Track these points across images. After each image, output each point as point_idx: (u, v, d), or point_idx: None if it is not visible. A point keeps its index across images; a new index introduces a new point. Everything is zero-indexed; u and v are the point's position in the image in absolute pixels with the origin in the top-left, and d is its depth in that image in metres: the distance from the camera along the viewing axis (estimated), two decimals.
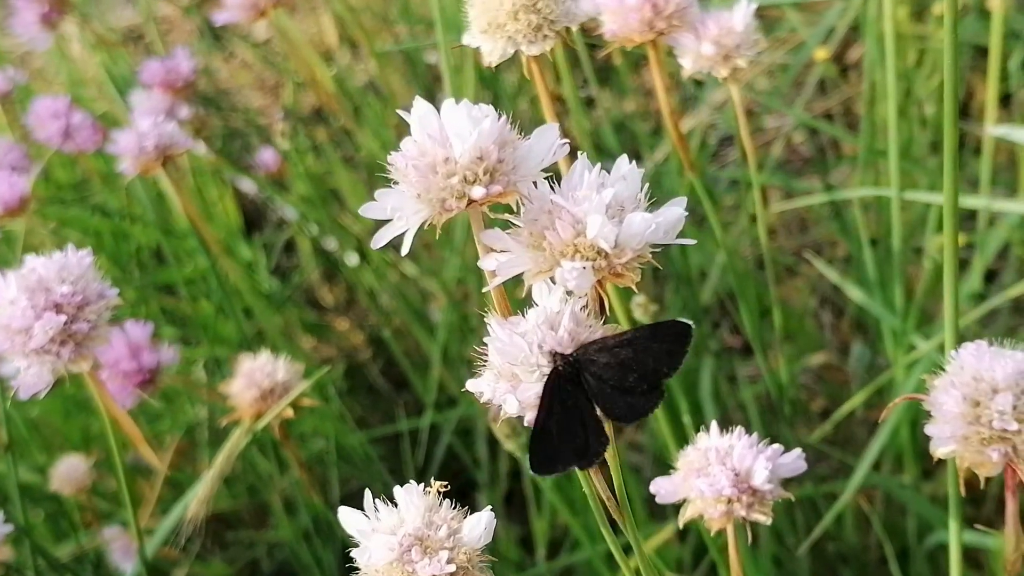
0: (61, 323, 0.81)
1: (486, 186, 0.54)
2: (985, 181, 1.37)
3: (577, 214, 0.55)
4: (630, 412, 0.58)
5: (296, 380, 1.04)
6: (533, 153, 0.56)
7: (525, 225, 0.56)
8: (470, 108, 0.55)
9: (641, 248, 0.55)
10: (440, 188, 0.55)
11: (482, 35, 0.75)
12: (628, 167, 0.57)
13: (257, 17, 1.29)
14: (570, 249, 0.55)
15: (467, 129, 0.54)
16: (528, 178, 0.56)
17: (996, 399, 0.64)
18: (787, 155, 2.06)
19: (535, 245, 0.56)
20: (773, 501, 0.77)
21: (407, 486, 0.59)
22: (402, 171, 0.56)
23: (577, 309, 0.56)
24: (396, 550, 0.56)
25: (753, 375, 1.73)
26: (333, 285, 2.07)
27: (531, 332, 0.56)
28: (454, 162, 0.55)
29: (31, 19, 1.39)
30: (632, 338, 0.57)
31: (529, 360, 0.55)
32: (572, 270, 0.54)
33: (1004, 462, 0.64)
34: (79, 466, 1.27)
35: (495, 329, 0.57)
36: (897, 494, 1.33)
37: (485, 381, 0.57)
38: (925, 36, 1.74)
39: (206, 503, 0.96)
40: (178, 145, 1.14)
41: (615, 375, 0.57)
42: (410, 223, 0.56)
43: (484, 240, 0.57)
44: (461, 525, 0.58)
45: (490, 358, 0.57)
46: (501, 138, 0.55)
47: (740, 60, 0.95)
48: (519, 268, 0.57)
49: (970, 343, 0.67)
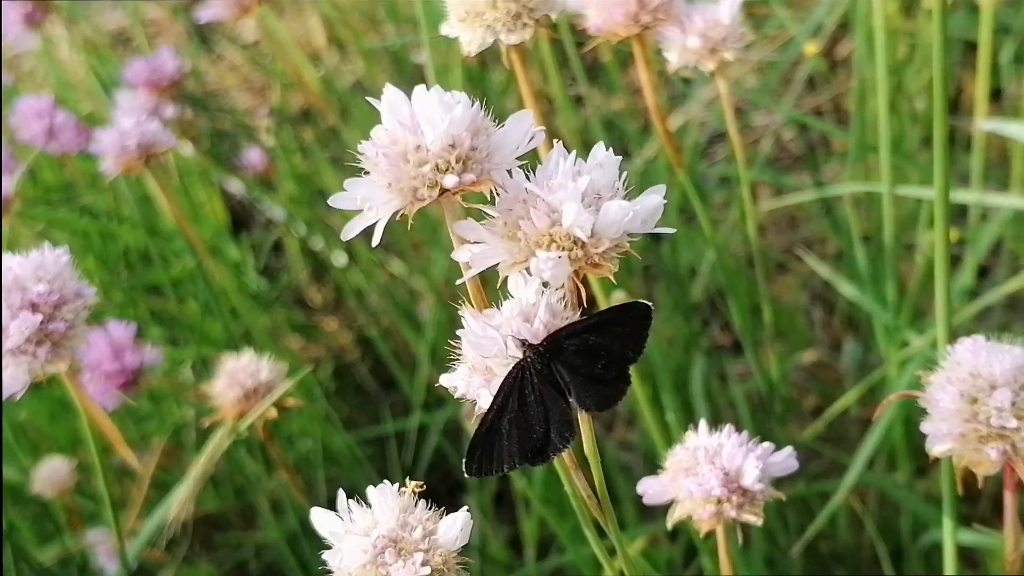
0: (37, 323, 0.79)
1: (459, 174, 0.53)
2: (976, 176, 1.36)
3: (552, 203, 0.53)
4: (602, 401, 0.56)
5: (279, 380, 1.02)
6: (507, 141, 0.55)
7: (500, 215, 0.55)
8: (442, 94, 0.53)
9: (619, 237, 0.54)
10: (411, 177, 0.53)
11: (460, 24, 0.74)
12: (604, 154, 0.55)
13: (241, 14, 1.27)
14: (546, 239, 0.53)
15: (439, 116, 0.52)
16: (502, 166, 0.55)
17: (994, 395, 0.62)
18: (777, 152, 2.05)
19: (510, 235, 0.54)
20: (764, 501, 0.75)
21: (380, 486, 0.58)
22: (373, 160, 0.54)
23: (553, 301, 0.55)
24: (369, 552, 0.55)
25: (744, 373, 1.72)
26: (321, 285, 2.06)
27: (505, 325, 0.54)
28: (425, 150, 0.53)
29: (14, 18, 1.37)
30: (598, 322, 0.56)
31: (503, 353, 0.54)
32: (547, 260, 0.52)
33: (1003, 460, 0.63)
34: (61, 468, 1.25)
35: (469, 322, 0.55)
36: (891, 493, 1.32)
37: (459, 375, 0.56)
38: (915, 31, 1.73)
39: (189, 504, 0.95)
40: (161, 144, 1.13)
41: (585, 363, 0.55)
42: (381, 213, 0.54)
43: (458, 231, 0.55)
44: (436, 526, 0.56)
45: (464, 352, 0.56)
46: (474, 125, 0.54)
47: (726, 53, 0.94)
48: (494, 259, 0.55)
49: (967, 338, 0.66)
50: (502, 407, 0.55)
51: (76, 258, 0.95)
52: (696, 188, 1.07)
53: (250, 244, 1.99)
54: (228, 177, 1.91)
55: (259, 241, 2.01)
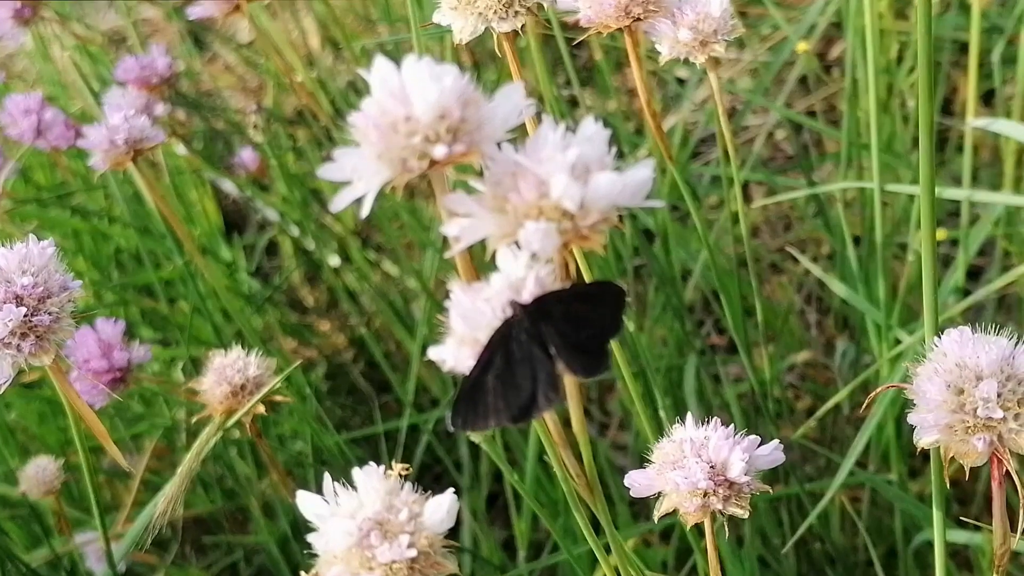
0: (21, 315, 0.79)
1: (448, 145, 0.52)
2: (967, 175, 1.36)
3: (541, 175, 0.53)
4: (587, 368, 0.56)
5: (268, 376, 1.02)
6: (498, 113, 0.54)
7: (488, 187, 0.54)
8: (432, 66, 0.53)
9: (608, 210, 0.54)
10: (401, 147, 0.53)
11: (452, 12, 0.73)
12: (593, 128, 0.55)
13: (232, 11, 1.27)
14: (534, 211, 0.53)
15: (429, 86, 0.52)
16: (493, 139, 0.54)
17: (980, 386, 0.62)
18: (770, 152, 2.05)
19: (498, 208, 0.54)
20: (750, 494, 0.75)
21: (366, 468, 0.57)
22: (362, 131, 0.53)
23: (542, 274, 0.55)
24: (355, 535, 0.54)
25: (737, 374, 1.72)
26: (314, 286, 2.06)
27: (494, 298, 0.54)
28: (416, 120, 0.52)
29: (4, 15, 1.37)
30: (582, 292, 0.56)
31: (492, 325, 0.54)
32: (536, 231, 0.52)
33: (989, 451, 0.63)
34: (48, 468, 1.24)
35: (457, 294, 0.55)
36: (884, 492, 1.32)
37: (447, 348, 0.55)
38: (907, 31, 1.73)
39: (176, 502, 0.94)
40: (149, 140, 1.12)
41: (571, 329, 0.55)
42: (370, 185, 0.53)
43: (447, 204, 0.55)
44: (423, 508, 0.56)
45: (452, 324, 0.55)
46: (464, 97, 0.53)
47: (717, 46, 0.94)
48: (482, 232, 0.54)
49: (953, 329, 0.65)
50: (488, 362, 0.54)
51: (67, 258, 0.94)
52: (689, 188, 1.07)
53: (243, 245, 1.99)
54: (221, 177, 1.90)
55: (252, 242, 2.01)
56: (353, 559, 0.54)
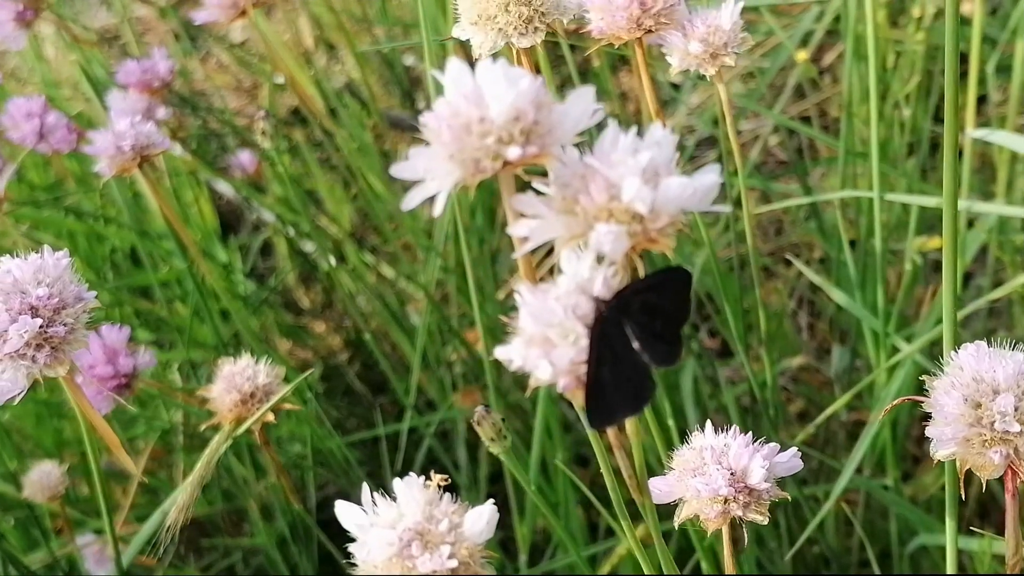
0: (37, 327, 0.79)
1: (522, 147, 0.53)
2: (965, 184, 1.38)
3: (612, 178, 0.54)
4: (668, 357, 0.57)
5: (277, 384, 1.02)
6: (569, 117, 0.55)
7: (557, 190, 0.55)
8: (506, 68, 0.54)
9: (677, 214, 0.55)
10: (475, 148, 0.53)
11: (472, 27, 0.74)
12: (662, 133, 0.56)
13: (237, 17, 1.27)
14: (604, 213, 0.54)
15: (504, 89, 0.53)
16: (563, 142, 0.55)
17: (997, 400, 0.64)
18: (763, 158, 2.07)
19: (567, 210, 0.55)
20: (769, 500, 0.76)
21: (407, 479, 0.58)
22: (435, 131, 0.54)
23: (609, 275, 0.55)
24: (396, 545, 0.55)
25: (732, 378, 1.73)
26: (310, 288, 2.06)
27: (564, 297, 0.55)
28: (490, 122, 0.53)
29: (5, 18, 1.36)
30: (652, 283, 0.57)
31: (564, 324, 0.54)
32: (608, 233, 0.53)
33: (1006, 464, 0.64)
34: (53, 472, 1.24)
35: (526, 294, 0.55)
36: (879, 496, 1.34)
37: (514, 348, 0.56)
38: (901, 39, 1.75)
39: (186, 511, 0.94)
40: (156, 146, 1.12)
41: (648, 320, 0.56)
42: (443, 184, 0.54)
43: (515, 205, 0.55)
44: (463, 519, 0.57)
45: (520, 324, 0.55)
46: (537, 100, 0.54)
47: (727, 58, 0.95)
48: (551, 233, 0.55)
49: (970, 344, 0.67)
50: (600, 358, 0.55)
51: None
52: None
53: (238, 246, 1.98)
54: (217, 178, 1.90)
55: (248, 243, 2.00)
56: (394, 569, 0.55)
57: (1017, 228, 1.53)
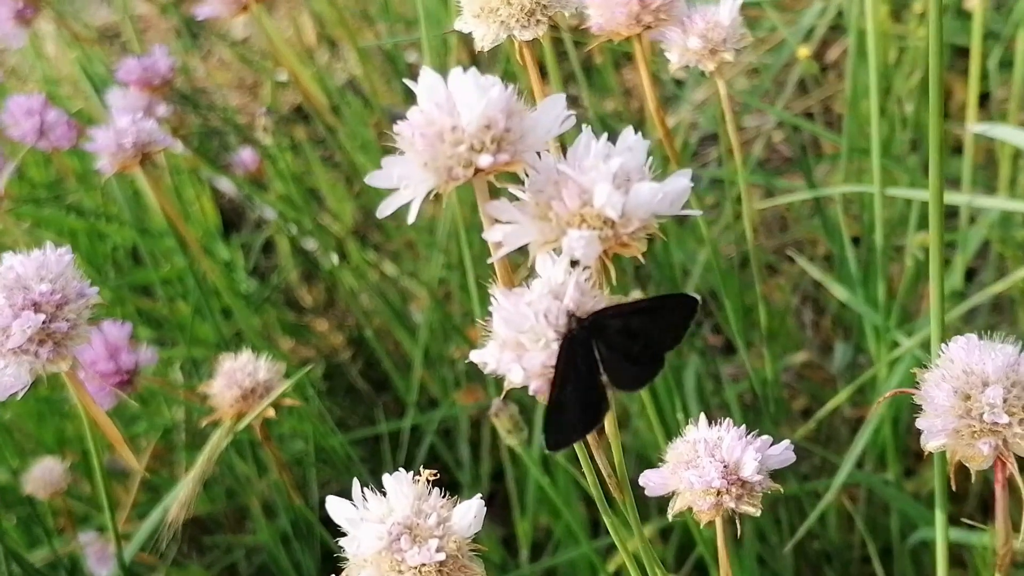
0: (40, 322, 0.79)
1: (493, 154, 0.54)
2: (967, 179, 1.38)
3: (584, 183, 0.55)
4: (634, 382, 0.58)
5: (278, 380, 1.02)
6: (540, 124, 0.56)
7: (531, 195, 0.56)
8: (477, 77, 0.55)
9: (648, 218, 0.55)
10: (447, 156, 0.54)
11: (474, 20, 0.74)
12: (634, 138, 0.56)
13: (239, 12, 1.27)
14: (577, 219, 0.55)
15: (475, 97, 0.54)
16: (534, 148, 0.56)
17: (987, 392, 0.64)
18: (767, 154, 2.06)
19: (541, 215, 0.56)
20: (762, 493, 0.76)
21: (396, 474, 0.59)
22: (408, 140, 0.55)
23: (582, 280, 0.56)
24: (385, 539, 0.56)
25: (735, 374, 1.73)
26: (312, 286, 2.06)
27: (536, 302, 0.55)
28: (461, 130, 0.54)
29: (6, 16, 1.36)
30: (646, 307, 0.58)
31: (536, 329, 0.55)
32: (580, 238, 0.53)
33: (994, 455, 0.64)
34: (54, 469, 1.24)
35: (500, 299, 0.56)
36: (880, 491, 1.34)
37: (488, 351, 0.56)
38: (904, 35, 1.74)
39: (188, 506, 0.95)
40: (157, 143, 1.12)
41: (624, 343, 0.57)
42: (417, 192, 0.55)
43: (489, 211, 0.56)
44: (451, 513, 0.57)
45: (494, 328, 0.56)
46: (508, 107, 0.55)
47: (727, 54, 0.95)
48: (525, 238, 0.56)
49: (960, 337, 0.67)
50: (564, 378, 0.55)
51: None
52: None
53: (240, 244, 1.99)
54: (218, 176, 1.90)
55: (249, 241, 2.00)
56: (383, 563, 0.56)
57: (1019, 224, 1.52)
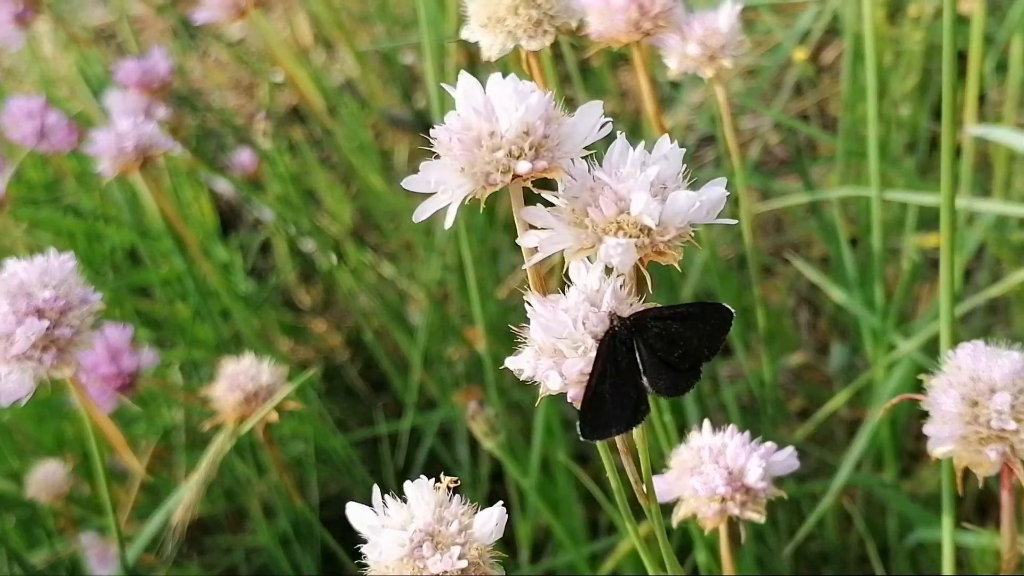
0: (43, 329, 0.79)
1: (532, 161, 0.54)
2: (965, 182, 1.38)
3: (621, 191, 0.55)
4: (672, 387, 0.58)
5: (280, 383, 1.03)
6: (577, 131, 0.56)
7: (567, 202, 0.56)
8: (517, 83, 0.55)
9: (684, 226, 0.56)
10: (485, 162, 0.55)
11: (481, 29, 0.75)
12: (669, 147, 0.57)
13: (237, 17, 1.27)
14: (613, 226, 0.55)
15: (514, 103, 0.54)
16: (571, 155, 0.56)
17: (994, 399, 0.64)
18: (763, 156, 2.07)
19: (577, 222, 0.56)
20: (766, 499, 0.77)
21: (417, 481, 0.59)
22: (446, 145, 0.55)
23: (618, 286, 0.56)
24: (407, 546, 0.56)
25: (732, 375, 1.74)
26: (310, 287, 2.06)
27: (572, 309, 0.55)
28: (500, 136, 0.54)
29: (5, 18, 1.36)
30: (684, 313, 0.58)
31: (574, 336, 0.55)
32: (616, 246, 0.54)
33: (1002, 461, 0.65)
34: (56, 472, 1.25)
35: (536, 306, 0.56)
36: (878, 493, 1.34)
37: (525, 358, 0.56)
38: (899, 39, 1.75)
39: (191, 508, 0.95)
40: (157, 146, 1.12)
41: (664, 347, 0.57)
42: (454, 197, 0.55)
43: (525, 217, 0.57)
44: (472, 520, 0.58)
45: (531, 334, 0.56)
46: (547, 114, 0.55)
47: (725, 60, 0.95)
48: (561, 245, 0.57)
49: (967, 343, 0.67)
50: (603, 372, 0.56)
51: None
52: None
53: (238, 245, 1.99)
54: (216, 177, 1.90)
55: (247, 242, 2.00)
56: (405, 569, 0.56)
57: (1015, 226, 1.53)
